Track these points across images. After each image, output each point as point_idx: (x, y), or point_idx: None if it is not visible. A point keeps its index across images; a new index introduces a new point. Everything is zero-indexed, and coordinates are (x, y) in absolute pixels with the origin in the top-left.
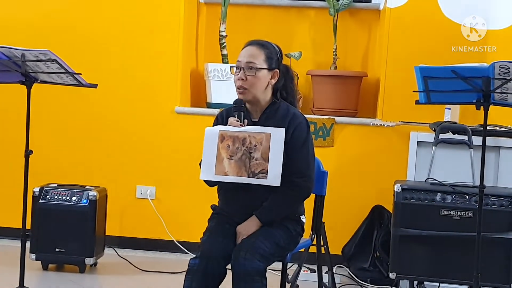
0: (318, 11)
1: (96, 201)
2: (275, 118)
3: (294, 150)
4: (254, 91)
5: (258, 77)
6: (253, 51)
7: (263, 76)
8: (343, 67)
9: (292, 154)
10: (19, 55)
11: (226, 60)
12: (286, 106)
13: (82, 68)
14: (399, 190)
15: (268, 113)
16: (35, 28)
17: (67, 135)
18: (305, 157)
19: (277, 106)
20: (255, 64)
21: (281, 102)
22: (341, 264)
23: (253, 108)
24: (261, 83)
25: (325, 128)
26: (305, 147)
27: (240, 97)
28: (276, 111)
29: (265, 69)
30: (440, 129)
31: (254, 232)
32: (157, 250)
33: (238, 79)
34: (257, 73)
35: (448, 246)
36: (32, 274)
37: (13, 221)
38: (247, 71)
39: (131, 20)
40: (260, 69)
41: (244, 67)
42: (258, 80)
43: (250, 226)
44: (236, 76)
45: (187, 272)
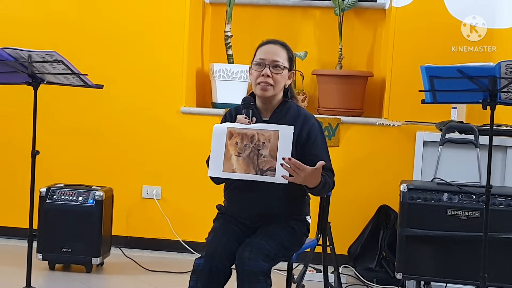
0: (324, 10)
1: (103, 201)
2: (286, 118)
3: (317, 150)
4: (277, 88)
5: (283, 76)
6: (278, 50)
7: (285, 75)
8: (349, 66)
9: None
10: (26, 56)
11: (231, 60)
12: (297, 106)
13: (88, 69)
14: (405, 190)
15: (279, 113)
16: (41, 29)
17: (73, 136)
18: (327, 155)
19: (288, 106)
20: (280, 63)
21: (291, 102)
22: (347, 264)
23: (264, 106)
24: (283, 82)
25: (330, 128)
26: (325, 145)
27: (261, 94)
28: (287, 111)
29: (287, 68)
30: (447, 128)
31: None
32: (163, 250)
33: (262, 75)
34: (283, 72)
35: (455, 246)
36: (39, 274)
37: (20, 221)
38: (273, 69)
39: (137, 21)
40: (284, 68)
41: (270, 64)
42: (283, 78)
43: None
44: (259, 72)
45: (192, 272)
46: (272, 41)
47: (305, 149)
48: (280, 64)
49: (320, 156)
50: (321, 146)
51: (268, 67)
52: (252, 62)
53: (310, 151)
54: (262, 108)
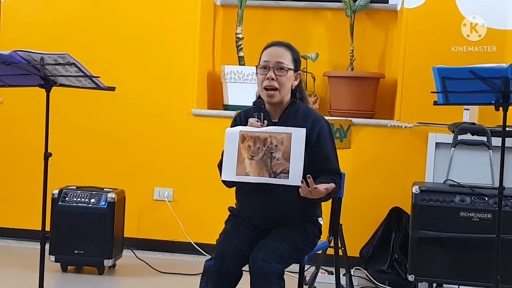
0: (335, 12)
1: (115, 203)
2: (295, 119)
3: (325, 151)
4: (284, 91)
5: (288, 78)
6: (281, 52)
7: (291, 76)
8: (360, 68)
9: (325, 156)
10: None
11: (242, 62)
12: (305, 107)
13: (100, 71)
14: (418, 192)
15: (288, 114)
16: (53, 32)
17: (85, 138)
18: (336, 157)
19: (297, 107)
20: (285, 64)
21: (300, 103)
22: (359, 266)
23: (273, 108)
24: (289, 84)
25: (342, 130)
26: (334, 147)
27: (268, 100)
28: (296, 111)
29: (292, 70)
30: (459, 130)
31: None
32: (174, 252)
33: (266, 79)
34: (287, 73)
35: (467, 248)
36: (51, 275)
37: (32, 223)
38: (277, 71)
39: (148, 23)
40: (289, 70)
41: (274, 67)
42: (288, 80)
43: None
44: (264, 75)
45: (202, 274)
46: (276, 43)
47: (315, 151)
48: (285, 66)
49: (330, 158)
50: (330, 148)
51: (273, 70)
52: (257, 66)
53: (320, 153)
54: (271, 110)
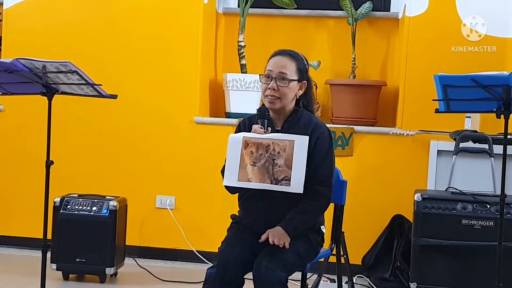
0: (337, 20)
1: (116, 211)
2: (298, 127)
3: (319, 158)
4: (285, 101)
5: (290, 88)
6: (285, 62)
7: (294, 87)
8: (362, 76)
9: (317, 162)
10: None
11: (245, 70)
12: (309, 115)
13: (102, 79)
14: (420, 200)
15: (291, 121)
16: (55, 40)
17: (87, 146)
18: (329, 166)
19: (300, 115)
20: (287, 75)
21: (303, 111)
22: (361, 274)
23: (276, 116)
24: (291, 94)
25: (344, 137)
26: (329, 156)
27: (269, 106)
28: (298, 119)
29: (296, 80)
30: (461, 138)
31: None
32: (177, 260)
33: (268, 88)
34: (289, 84)
35: (469, 255)
36: (53, 284)
37: (34, 231)
38: (279, 82)
39: (150, 31)
40: (292, 81)
41: (276, 77)
42: (290, 90)
43: (282, 235)
44: (266, 85)
45: (204, 282)
46: (282, 52)
47: (310, 156)
48: (287, 76)
49: (322, 166)
50: (326, 155)
51: (275, 80)
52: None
53: (313, 158)
54: (274, 118)
